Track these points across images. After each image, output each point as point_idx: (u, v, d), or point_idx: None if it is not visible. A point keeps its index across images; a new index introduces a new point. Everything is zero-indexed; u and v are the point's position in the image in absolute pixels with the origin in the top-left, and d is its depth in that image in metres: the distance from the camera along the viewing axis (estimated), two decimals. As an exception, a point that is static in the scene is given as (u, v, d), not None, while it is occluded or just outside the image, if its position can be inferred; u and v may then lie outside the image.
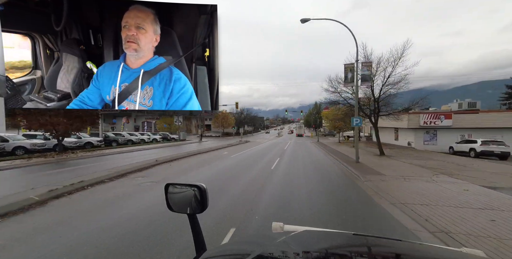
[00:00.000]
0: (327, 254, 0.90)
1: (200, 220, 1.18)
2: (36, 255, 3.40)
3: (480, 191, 7.01)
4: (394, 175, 9.73)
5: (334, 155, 17.63)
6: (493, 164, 13.77)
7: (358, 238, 1.13)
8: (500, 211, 5.25)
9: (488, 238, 3.90)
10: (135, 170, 10.65)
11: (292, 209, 5.37)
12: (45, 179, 8.67)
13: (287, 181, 8.49)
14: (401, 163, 13.47)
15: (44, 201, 5.95)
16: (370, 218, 5.04)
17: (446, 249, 1.06)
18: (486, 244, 3.70)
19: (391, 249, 1.01)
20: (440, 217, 4.89)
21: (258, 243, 1.07)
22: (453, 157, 17.66)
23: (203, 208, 1.14)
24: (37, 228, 4.38)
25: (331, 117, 35.52)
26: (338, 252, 0.93)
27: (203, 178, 9.17)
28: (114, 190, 7.23)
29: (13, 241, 3.88)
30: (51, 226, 4.49)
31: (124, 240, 3.82)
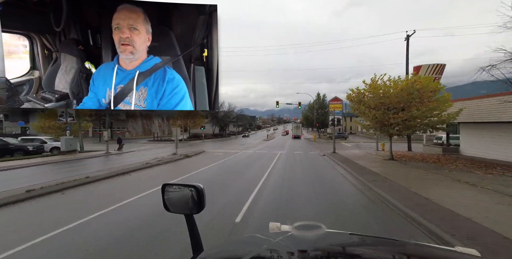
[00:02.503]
0: (324, 254, 0.90)
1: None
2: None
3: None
4: None
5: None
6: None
7: (355, 237, 1.14)
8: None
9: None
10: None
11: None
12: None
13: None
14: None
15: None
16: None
17: (440, 248, 1.07)
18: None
19: (387, 249, 1.02)
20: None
21: (255, 243, 1.08)
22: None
23: (200, 208, 1.14)
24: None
25: (379, 99, 12.93)
26: (335, 252, 0.94)
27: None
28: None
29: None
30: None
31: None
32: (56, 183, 8.25)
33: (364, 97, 13.71)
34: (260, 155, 17.67)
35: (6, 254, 3.65)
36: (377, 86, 13.02)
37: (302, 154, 18.31)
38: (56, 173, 11.29)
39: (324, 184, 8.39)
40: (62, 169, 12.33)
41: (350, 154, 17.41)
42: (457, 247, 1.01)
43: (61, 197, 7.01)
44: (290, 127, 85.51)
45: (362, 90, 13.84)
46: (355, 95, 14.08)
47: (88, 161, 15.52)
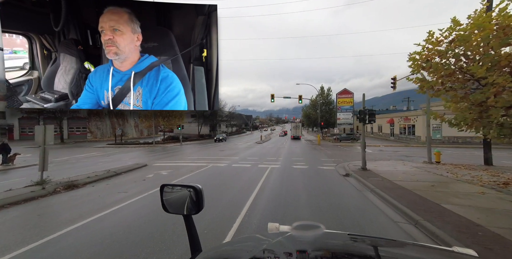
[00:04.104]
0: (322, 254, 0.90)
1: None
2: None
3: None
4: None
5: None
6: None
7: (353, 238, 1.14)
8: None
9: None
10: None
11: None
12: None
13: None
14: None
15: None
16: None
17: (438, 249, 1.07)
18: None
19: (385, 249, 1.02)
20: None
21: (254, 244, 1.08)
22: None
23: (198, 209, 1.14)
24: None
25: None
26: (334, 253, 0.94)
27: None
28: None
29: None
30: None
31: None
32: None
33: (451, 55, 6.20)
34: (234, 174, 9.07)
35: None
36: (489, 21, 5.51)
37: (307, 172, 9.47)
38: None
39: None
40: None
41: (397, 174, 8.41)
42: (455, 247, 1.01)
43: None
44: (288, 127, 76.27)
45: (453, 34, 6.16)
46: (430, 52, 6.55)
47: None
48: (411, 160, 13.52)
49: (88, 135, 39.58)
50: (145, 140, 33.51)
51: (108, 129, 42.54)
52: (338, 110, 31.84)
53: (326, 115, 38.69)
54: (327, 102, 40.16)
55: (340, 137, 31.74)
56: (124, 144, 29.47)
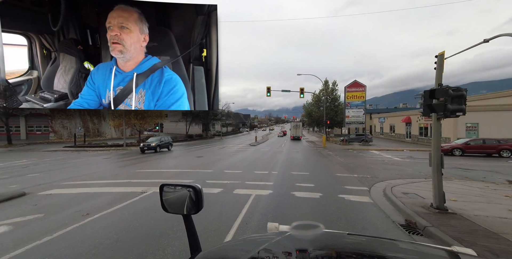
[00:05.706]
0: (322, 254, 0.90)
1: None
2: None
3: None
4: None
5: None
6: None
7: (352, 237, 1.14)
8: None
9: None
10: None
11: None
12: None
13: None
14: None
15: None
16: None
17: (437, 248, 1.07)
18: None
19: (384, 248, 1.02)
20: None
21: (254, 244, 1.08)
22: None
23: (198, 208, 1.14)
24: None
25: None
26: (333, 252, 0.94)
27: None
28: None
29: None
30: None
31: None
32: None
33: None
34: (168, 228, 3.98)
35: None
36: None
37: (323, 211, 4.81)
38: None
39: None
40: None
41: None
42: (454, 246, 1.01)
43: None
44: (288, 127, 69.98)
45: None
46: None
47: None
48: (491, 177, 8.15)
49: (51, 136, 32.63)
50: (119, 142, 26.43)
51: (78, 128, 34.56)
52: (347, 106, 26.08)
53: (331, 112, 33.56)
54: (332, 98, 35.39)
55: (348, 138, 26.97)
56: (86, 147, 24.25)
